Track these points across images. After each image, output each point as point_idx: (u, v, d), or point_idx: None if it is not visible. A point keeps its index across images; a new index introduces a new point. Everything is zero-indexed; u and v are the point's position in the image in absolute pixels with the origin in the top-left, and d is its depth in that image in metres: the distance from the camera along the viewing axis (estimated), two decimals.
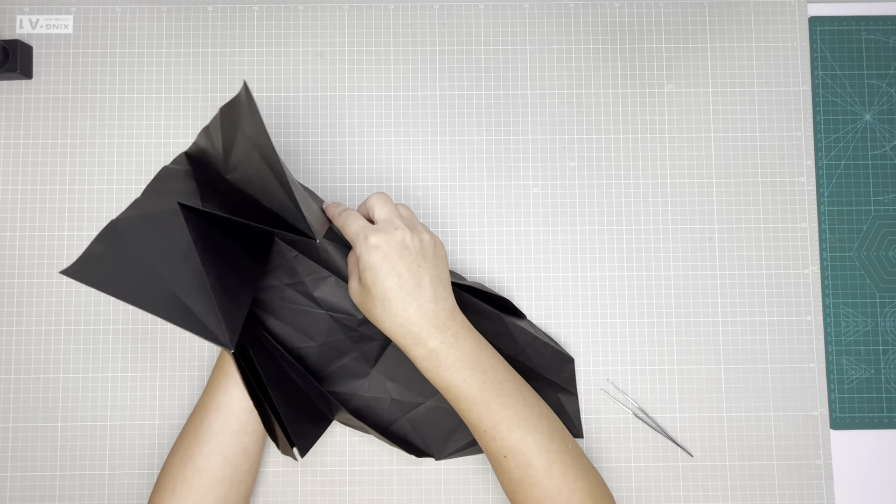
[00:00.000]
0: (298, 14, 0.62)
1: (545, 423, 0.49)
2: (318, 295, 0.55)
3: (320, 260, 0.54)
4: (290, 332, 0.55)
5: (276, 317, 0.55)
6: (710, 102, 0.62)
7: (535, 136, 0.61)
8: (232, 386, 0.52)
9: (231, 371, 0.52)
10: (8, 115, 0.60)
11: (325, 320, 0.55)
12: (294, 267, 0.54)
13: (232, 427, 0.52)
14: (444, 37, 0.62)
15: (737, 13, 0.63)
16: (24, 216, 0.60)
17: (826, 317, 0.61)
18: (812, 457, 0.59)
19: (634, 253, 0.61)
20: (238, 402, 0.52)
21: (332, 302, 0.55)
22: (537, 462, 0.48)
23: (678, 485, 0.59)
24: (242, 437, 0.52)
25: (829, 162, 0.62)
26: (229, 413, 0.52)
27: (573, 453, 0.49)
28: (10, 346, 0.59)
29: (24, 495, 0.57)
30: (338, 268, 0.54)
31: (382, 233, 0.47)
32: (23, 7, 0.61)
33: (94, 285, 0.45)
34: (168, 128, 0.61)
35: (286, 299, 0.55)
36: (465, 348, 0.48)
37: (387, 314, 0.47)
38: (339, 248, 0.54)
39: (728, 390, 0.59)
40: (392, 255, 0.47)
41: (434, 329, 0.48)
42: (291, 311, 0.55)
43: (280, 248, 0.54)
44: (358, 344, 0.56)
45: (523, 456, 0.48)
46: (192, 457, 0.51)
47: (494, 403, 0.48)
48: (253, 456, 0.53)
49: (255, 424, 0.53)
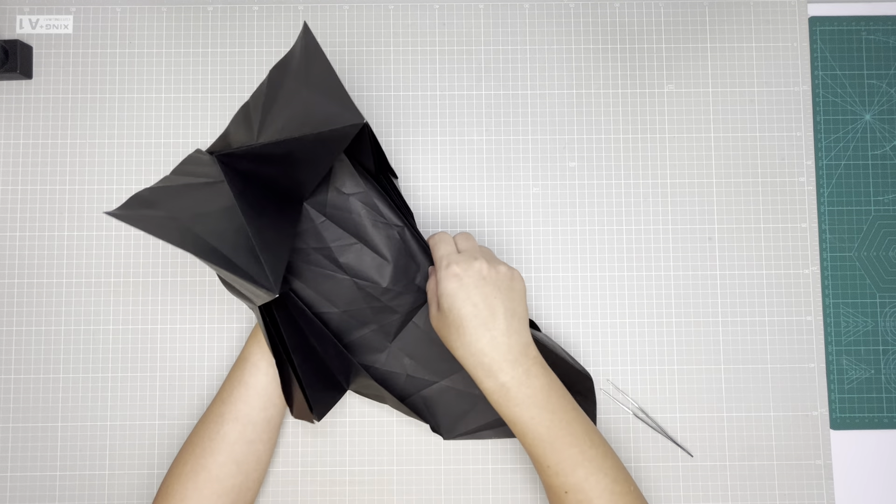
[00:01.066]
0: (298, 14, 0.62)
1: (609, 463, 0.49)
2: (344, 261, 0.55)
3: (349, 226, 0.54)
4: (314, 297, 0.55)
5: (301, 280, 0.55)
6: (710, 102, 0.62)
7: (535, 136, 0.61)
8: (252, 396, 0.53)
9: (249, 379, 0.53)
10: (8, 115, 0.60)
11: (349, 286, 0.55)
12: (321, 232, 0.54)
13: (248, 436, 0.52)
14: (444, 37, 0.62)
15: (737, 13, 0.63)
16: (24, 216, 0.60)
17: (826, 317, 0.61)
18: (812, 457, 0.59)
19: (634, 253, 0.61)
20: (257, 411, 0.53)
21: (357, 269, 0.55)
22: (598, 502, 0.48)
23: (678, 485, 0.59)
24: (258, 445, 0.53)
25: (829, 162, 0.62)
26: (247, 422, 0.52)
27: (634, 496, 0.50)
28: (10, 346, 0.59)
29: (24, 495, 0.57)
30: (366, 235, 0.54)
31: (463, 262, 0.49)
32: (23, 7, 0.61)
33: (139, 225, 0.46)
34: (168, 128, 0.61)
35: (312, 262, 0.55)
36: (535, 386, 0.48)
37: (460, 342, 0.48)
38: (371, 213, 0.54)
39: (728, 390, 0.59)
40: (469, 285, 0.48)
41: (506, 363, 0.48)
42: (316, 275, 0.55)
43: (308, 213, 0.54)
44: (378, 315, 0.56)
45: (584, 494, 0.48)
46: (205, 466, 0.51)
47: (560, 442, 0.48)
48: (264, 464, 0.54)
49: (271, 433, 0.54)
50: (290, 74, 0.51)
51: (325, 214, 0.54)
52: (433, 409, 0.57)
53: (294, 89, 0.50)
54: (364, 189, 0.54)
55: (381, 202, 0.54)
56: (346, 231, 0.54)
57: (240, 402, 0.53)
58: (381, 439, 0.59)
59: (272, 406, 0.53)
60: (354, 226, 0.54)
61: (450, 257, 0.50)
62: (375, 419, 0.59)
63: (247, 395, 0.53)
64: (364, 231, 0.54)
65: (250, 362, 0.53)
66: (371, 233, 0.54)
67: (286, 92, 0.51)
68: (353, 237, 0.54)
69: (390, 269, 0.54)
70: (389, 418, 0.59)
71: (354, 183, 0.54)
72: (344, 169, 0.54)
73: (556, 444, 0.49)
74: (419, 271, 0.55)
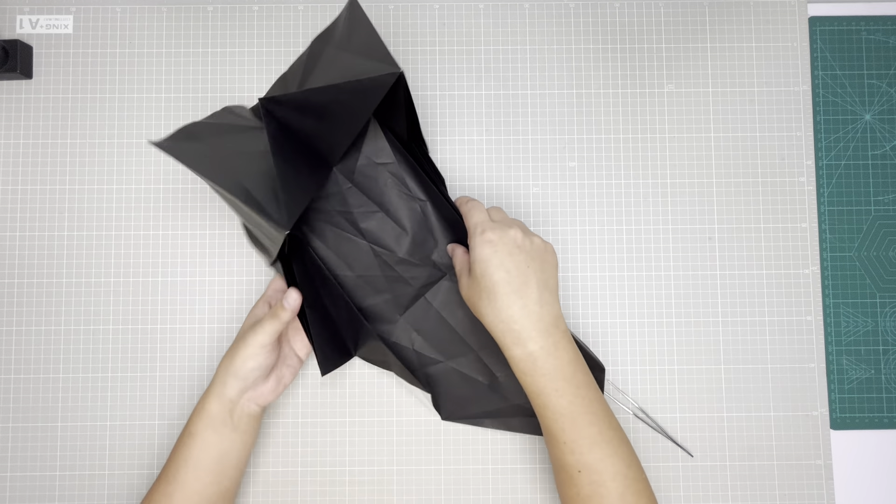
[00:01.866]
0: (298, 14, 0.62)
1: (625, 449, 0.50)
2: (365, 227, 0.56)
3: (374, 194, 0.56)
4: (333, 258, 0.57)
5: (321, 239, 0.56)
6: (710, 102, 0.62)
7: (535, 136, 0.61)
8: (202, 472, 0.51)
9: (199, 454, 0.51)
10: (8, 115, 0.60)
11: (367, 252, 0.56)
12: (346, 197, 0.56)
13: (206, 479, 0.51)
14: (444, 37, 0.62)
15: (737, 13, 0.63)
16: (24, 216, 0.60)
17: (826, 317, 0.61)
18: (812, 457, 0.59)
19: (634, 253, 0.61)
20: (209, 486, 0.51)
21: (377, 236, 0.56)
22: (612, 484, 0.48)
23: (678, 485, 0.58)
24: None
25: (829, 162, 0.62)
26: (200, 500, 0.51)
27: (645, 483, 0.50)
28: (10, 346, 0.59)
29: (24, 495, 0.57)
30: (389, 205, 0.56)
31: (498, 229, 0.49)
32: (23, 7, 0.61)
33: (179, 157, 0.49)
34: (168, 128, 0.61)
35: (333, 224, 0.56)
36: (563, 359, 0.49)
37: (491, 308, 0.48)
38: (397, 184, 0.56)
39: (728, 390, 0.59)
40: (502, 252, 0.48)
41: (536, 332, 0.48)
42: (336, 236, 0.56)
43: (336, 177, 0.56)
44: (392, 285, 0.57)
45: (598, 475, 0.48)
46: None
47: (581, 419, 0.48)
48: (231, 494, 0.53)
49: (227, 502, 0.53)
50: (332, 43, 0.53)
51: (353, 181, 0.56)
52: (436, 388, 0.58)
53: (334, 55, 0.52)
54: (394, 160, 0.56)
55: (410, 174, 0.56)
56: (370, 199, 0.56)
57: (189, 482, 0.50)
58: (381, 439, 0.59)
59: (226, 478, 0.52)
60: (380, 194, 0.56)
61: (484, 224, 0.50)
62: (375, 419, 0.59)
63: (196, 473, 0.50)
64: (388, 201, 0.56)
65: (198, 438, 0.51)
66: (395, 203, 0.56)
67: (327, 57, 0.53)
68: (377, 205, 0.56)
69: (408, 240, 0.56)
70: (389, 418, 0.59)
71: (385, 153, 0.56)
72: (377, 138, 0.56)
73: (576, 421, 0.48)
74: (436, 247, 0.56)
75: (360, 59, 0.50)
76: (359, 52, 0.51)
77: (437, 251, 0.57)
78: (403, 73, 0.49)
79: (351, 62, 0.51)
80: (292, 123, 0.53)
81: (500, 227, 0.49)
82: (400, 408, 0.59)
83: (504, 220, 0.51)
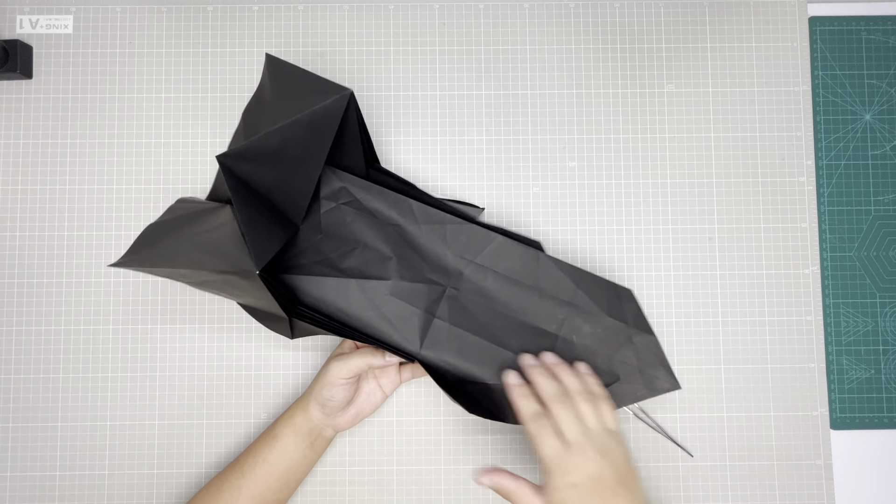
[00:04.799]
0: (298, 14, 0.62)
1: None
2: (346, 266, 0.55)
3: (345, 233, 0.55)
4: (324, 307, 0.54)
5: (304, 293, 0.54)
6: (710, 102, 0.62)
7: (535, 136, 0.61)
8: (273, 478, 0.53)
9: (275, 461, 0.53)
10: (8, 115, 0.60)
11: (355, 290, 0.54)
12: (319, 247, 0.55)
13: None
14: (444, 37, 0.62)
15: (737, 13, 0.63)
16: (24, 216, 0.60)
17: (826, 317, 0.61)
18: (812, 457, 0.59)
19: (634, 253, 0.61)
20: (273, 493, 0.53)
21: (361, 270, 0.55)
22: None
23: (678, 485, 0.58)
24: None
25: (829, 162, 0.62)
26: (261, 502, 0.53)
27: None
28: (10, 346, 0.59)
29: (24, 495, 0.57)
30: (363, 237, 0.55)
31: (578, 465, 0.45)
32: (23, 7, 0.61)
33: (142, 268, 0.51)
34: (168, 128, 0.61)
35: (314, 273, 0.54)
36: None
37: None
38: (364, 216, 0.55)
39: (728, 390, 0.59)
40: (585, 493, 0.45)
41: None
42: (319, 285, 0.54)
43: (305, 234, 0.55)
44: (395, 323, 0.54)
45: None
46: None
47: None
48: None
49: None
50: (267, 103, 0.52)
51: (322, 231, 0.55)
52: (483, 401, 0.54)
53: (274, 110, 0.52)
54: (354, 197, 0.55)
55: (377, 200, 0.55)
56: (344, 239, 0.55)
57: (259, 481, 0.52)
58: (381, 439, 0.59)
59: (287, 490, 0.54)
60: (350, 232, 0.55)
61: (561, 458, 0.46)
62: (375, 419, 0.59)
63: (267, 476, 0.52)
64: (361, 235, 0.55)
65: (280, 442, 0.53)
66: (368, 234, 0.55)
67: (268, 115, 0.52)
68: (352, 242, 0.55)
69: (394, 262, 0.55)
70: (389, 418, 0.59)
71: (344, 193, 0.55)
72: (331, 181, 0.55)
73: None
74: (425, 262, 0.55)
75: (301, 99, 0.50)
76: (298, 95, 0.50)
77: (427, 266, 0.55)
78: (353, 93, 0.50)
79: (295, 106, 0.50)
80: (254, 178, 0.51)
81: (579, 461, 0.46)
82: (400, 408, 0.59)
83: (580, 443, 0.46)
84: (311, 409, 0.53)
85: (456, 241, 0.55)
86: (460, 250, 0.55)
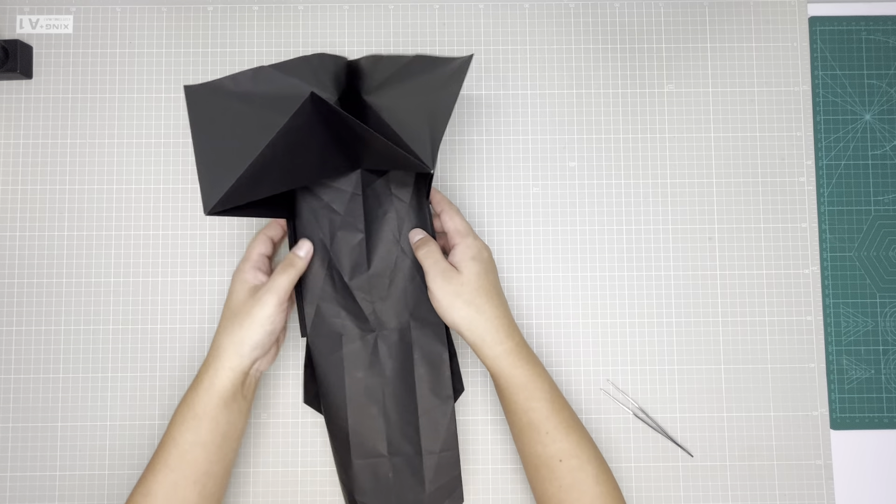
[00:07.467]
0: (298, 14, 0.62)
1: (586, 432, 0.52)
2: (338, 235, 0.55)
3: (371, 216, 0.55)
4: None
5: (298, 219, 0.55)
6: (710, 102, 0.62)
7: (535, 136, 0.61)
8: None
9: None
10: (8, 115, 0.60)
11: (319, 266, 0.55)
12: (347, 201, 0.55)
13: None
14: (444, 37, 0.62)
15: (737, 13, 0.63)
16: (24, 216, 0.60)
17: (826, 317, 0.61)
18: (812, 457, 0.59)
19: (634, 253, 0.61)
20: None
21: (339, 252, 0.54)
22: (589, 467, 0.50)
23: (678, 485, 0.59)
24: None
25: (829, 162, 0.62)
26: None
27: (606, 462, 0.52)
28: (10, 346, 0.59)
29: (24, 495, 0.57)
30: (375, 236, 0.55)
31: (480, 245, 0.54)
32: (23, 7, 0.61)
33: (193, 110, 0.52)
34: (168, 128, 0.61)
35: (315, 213, 0.55)
36: (530, 352, 0.53)
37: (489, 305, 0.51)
38: (396, 224, 0.55)
39: (728, 390, 0.59)
40: (489, 256, 0.54)
41: (514, 328, 0.53)
42: (308, 225, 0.55)
43: (355, 178, 0.55)
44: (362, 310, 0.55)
45: (577, 460, 0.50)
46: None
47: (557, 403, 0.52)
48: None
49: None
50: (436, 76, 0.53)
51: (364, 192, 0.54)
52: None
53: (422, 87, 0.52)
54: (408, 202, 0.55)
55: (413, 223, 0.55)
56: (364, 216, 0.54)
57: (199, 462, 0.50)
58: None
59: (231, 451, 0.52)
60: (373, 220, 0.55)
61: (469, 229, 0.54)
62: None
63: (205, 454, 0.50)
64: (376, 232, 0.55)
65: (206, 418, 0.50)
66: (380, 240, 0.55)
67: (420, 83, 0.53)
68: (364, 226, 0.54)
69: (364, 275, 0.54)
70: None
71: (406, 192, 0.55)
72: (408, 175, 0.55)
73: (555, 404, 0.51)
74: (387, 303, 0.55)
75: (431, 121, 0.51)
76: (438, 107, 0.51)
77: (386, 309, 0.55)
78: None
79: (420, 116, 0.51)
80: (326, 127, 0.50)
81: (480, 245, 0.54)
82: None
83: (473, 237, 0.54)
84: (245, 362, 0.50)
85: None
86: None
